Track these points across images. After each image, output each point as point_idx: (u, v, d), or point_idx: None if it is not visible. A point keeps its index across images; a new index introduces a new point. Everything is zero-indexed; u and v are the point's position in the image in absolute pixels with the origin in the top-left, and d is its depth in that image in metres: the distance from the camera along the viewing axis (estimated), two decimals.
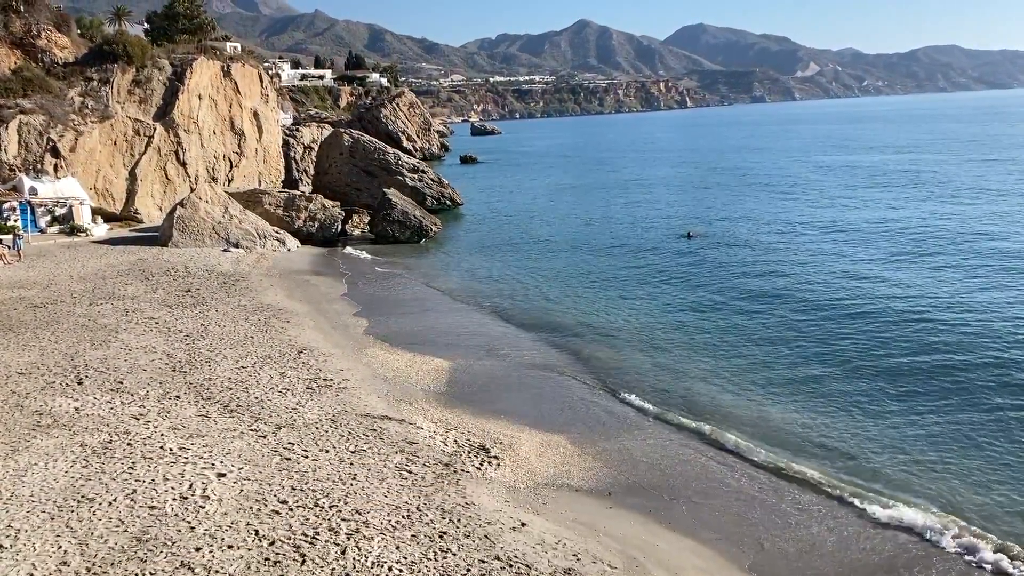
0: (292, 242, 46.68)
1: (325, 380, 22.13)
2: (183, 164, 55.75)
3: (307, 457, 16.50)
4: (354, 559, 12.39)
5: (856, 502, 16.14)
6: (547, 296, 35.07)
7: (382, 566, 12.25)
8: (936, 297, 30.96)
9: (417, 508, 14.45)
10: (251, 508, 13.93)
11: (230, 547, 12.56)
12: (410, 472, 16.21)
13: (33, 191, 45.97)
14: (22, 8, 53.37)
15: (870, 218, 50.86)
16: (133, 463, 15.63)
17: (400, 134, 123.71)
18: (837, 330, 27.43)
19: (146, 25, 78.65)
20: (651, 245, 45.89)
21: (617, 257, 43.19)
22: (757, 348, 26.08)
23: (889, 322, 28.01)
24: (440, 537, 13.34)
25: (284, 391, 20.97)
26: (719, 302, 32.06)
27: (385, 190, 53.89)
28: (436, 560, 12.53)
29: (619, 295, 34.49)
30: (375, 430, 18.52)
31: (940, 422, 19.70)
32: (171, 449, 16.45)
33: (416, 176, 62.57)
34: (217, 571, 11.90)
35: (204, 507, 13.84)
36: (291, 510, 13.95)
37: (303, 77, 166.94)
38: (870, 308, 29.92)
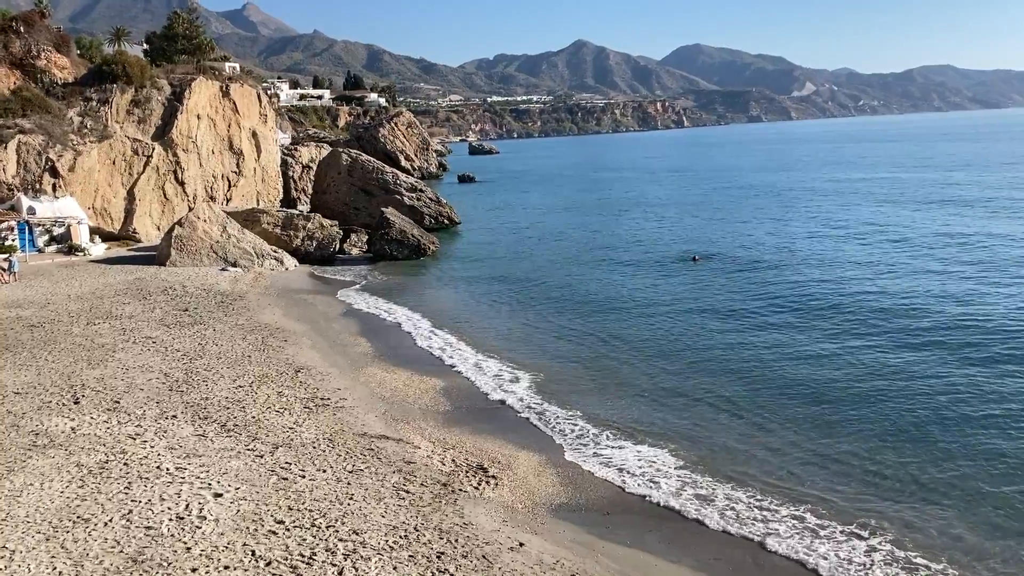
0: (290, 261, 46.74)
1: (322, 399, 22.10)
2: (181, 183, 55.92)
3: (304, 477, 16.43)
4: None
5: (853, 528, 15.96)
6: (544, 317, 34.93)
7: None
8: (954, 313, 30.90)
9: (415, 528, 14.39)
10: (248, 528, 13.85)
11: (227, 568, 12.48)
12: (408, 492, 16.15)
13: (31, 211, 46.06)
14: (22, 29, 53.69)
15: (882, 237, 50.22)
16: (129, 483, 15.56)
17: (398, 153, 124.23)
18: (849, 358, 26.40)
19: (145, 46, 78.92)
20: (654, 269, 44.60)
21: (617, 279, 42.37)
22: (760, 379, 25.14)
23: (902, 342, 27.83)
24: (438, 557, 13.28)
25: (281, 410, 20.92)
26: (723, 330, 31.05)
27: (383, 209, 54.07)
28: None
29: (619, 318, 33.90)
30: (372, 450, 18.47)
31: (962, 461, 19.20)
32: (168, 469, 16.38)
33: (414, 195, 62.79)
34: None
35: (200, 527, 13.77)
36: (288, 530, 13.88)
37: (301, 97, 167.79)
38: (882, 330, 29.51)
